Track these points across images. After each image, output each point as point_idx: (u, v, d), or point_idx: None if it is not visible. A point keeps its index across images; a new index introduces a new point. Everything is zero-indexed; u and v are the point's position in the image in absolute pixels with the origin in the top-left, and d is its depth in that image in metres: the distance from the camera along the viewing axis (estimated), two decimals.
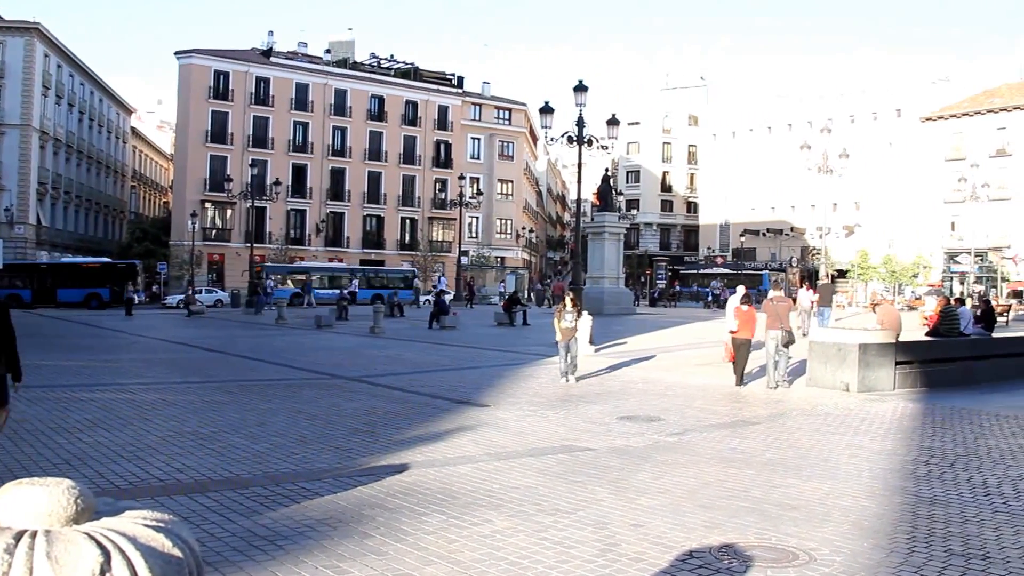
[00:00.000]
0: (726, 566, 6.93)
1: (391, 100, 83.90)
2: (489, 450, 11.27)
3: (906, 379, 18.36)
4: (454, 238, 77.42)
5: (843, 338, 18.60)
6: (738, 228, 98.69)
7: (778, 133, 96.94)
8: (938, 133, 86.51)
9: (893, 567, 7.07)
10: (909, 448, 12.19)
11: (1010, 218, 79.88)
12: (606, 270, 44.52)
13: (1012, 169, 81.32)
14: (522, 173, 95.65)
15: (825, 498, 9.23)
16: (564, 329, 18.32)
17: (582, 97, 28.40)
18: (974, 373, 19.98)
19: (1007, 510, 9.02)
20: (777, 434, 12.97)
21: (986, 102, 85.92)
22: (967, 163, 77.59)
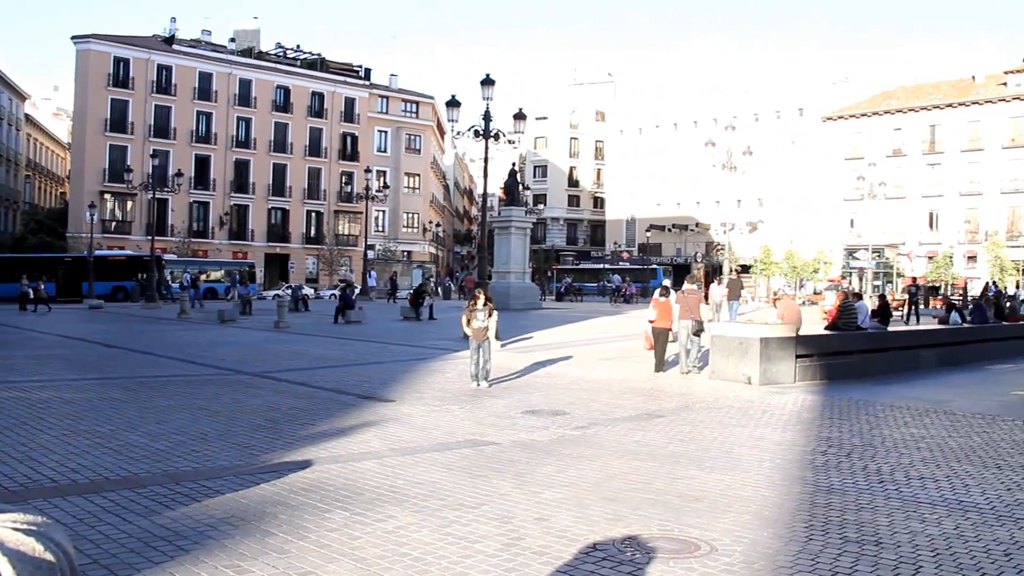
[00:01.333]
0: (629, 558, 6.99)
1: (297, 91, 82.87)
2: (394, 445, 11.20)
3: (806, 372, 18.77)
4: (360, 232, 76.81)
5: (745, 332, 18.92)
6: (644, 223, 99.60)
7: (684, 129, 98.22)
8: (838, 132, 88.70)
9: (791, 555, 7.23)
10: (808, 439, 12.46)
11: (905, 216, 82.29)
12: (512, 265, 44.57)
13: (907, 169, 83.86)
14: (429, 167, 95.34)
15: (727, 489, 9.38)
16: (475, 329, 16.65)
17: (489, 91, 28.36)
18: (871, 365, 20.54)
19: (899, 497, 9.30)
20: (681, 427, 13.14)
21: (883, 103, 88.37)
22: (865, 162, 79.72)
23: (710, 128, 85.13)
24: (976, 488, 9.89)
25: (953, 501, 9.26)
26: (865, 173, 72.58)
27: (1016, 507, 9.12)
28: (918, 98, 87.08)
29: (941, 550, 7.49)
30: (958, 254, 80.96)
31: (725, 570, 6.81)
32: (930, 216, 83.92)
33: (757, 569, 6.87)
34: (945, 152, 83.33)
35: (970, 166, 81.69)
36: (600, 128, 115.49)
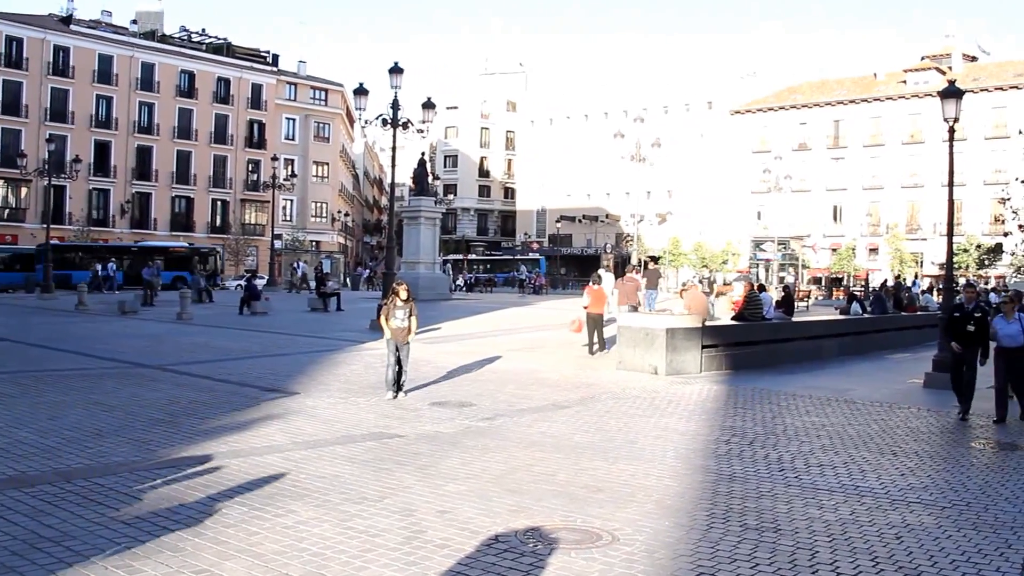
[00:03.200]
0: (530, 549, 7.00)
1: (202, 76, 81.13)
2: (296, 439, 11.04)
3: (712, 362, 19.02)
4: (267, 221, 75.65)
5: (651, 323, 19.08)
6: (555, 214, 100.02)
7: (595, 121, 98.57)
8: (746, 126, 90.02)
9: (692, 543, 7.33)
10: (712, 428, 12.63)
11: (810, 209, 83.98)
12: (422, 255, 44.30)
13: (811, 163, 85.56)
14: (338, 155, 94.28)
15: (630, 479, 9.45)
16: (394, 330, 14.46)
17: (398, 79, 28.15)
18: (775, 355, 20.89)
19: (798, 484, 9.49)
20: (586, 418, 13.20)
21: (789, 98, 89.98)
22: (772, 155, 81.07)
23: (620, 120, 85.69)
24: (872, 474, 10.14)
25: (850, 487, 9.48)
26: (771, 166, 73.80)
27: (909, 492, 9.37)
28: (823, 93, 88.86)
29: (837, 535, 7.67)
30: (860, 246, 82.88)
31: (626, 560, 6.85)
32: (834, 209, 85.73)
33: (658, 558, 6.92)
34: (848, 147, 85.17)
35: (872, 161, 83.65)
36: (511, 118, 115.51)
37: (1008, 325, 13.68)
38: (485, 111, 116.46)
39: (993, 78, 78.55)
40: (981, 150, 73.86)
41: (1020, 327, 13.53)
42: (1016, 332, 13.55)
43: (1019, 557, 7.25)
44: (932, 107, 37.15)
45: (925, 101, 76.11)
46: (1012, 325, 13.63)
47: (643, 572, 6.63)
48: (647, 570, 6.67)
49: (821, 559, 7.01)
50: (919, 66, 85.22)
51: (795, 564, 6.88)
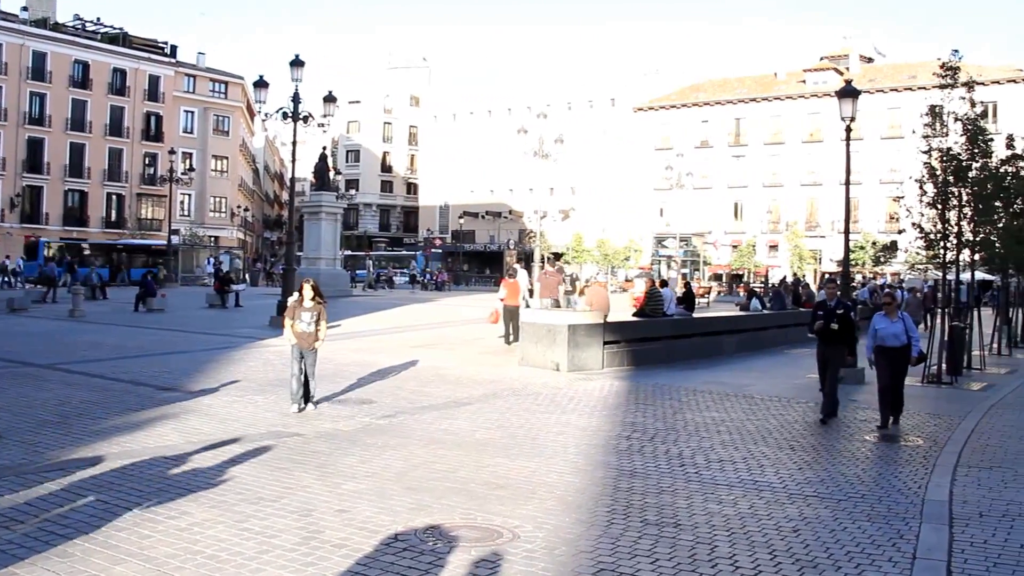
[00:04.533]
0: (430, 548, 6.94)
1: (97, 67, 78.98)
2: (192, 438, 10.77)
3: (614, 358, 19.11)
4: (165, 216, 74.02)
5: (553, 319, 19.11)
6: (457, 210, 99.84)
7: (498, 116, 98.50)
8: (649, 123, 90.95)
9: (593, 539, 7.35)
10: (613, 424, 12.70)
11: (712, 206, 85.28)
12: (323, 251, 43.85)
13: (713, 160, 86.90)
14: (238, 149, 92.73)
15: (531, 476, 9.44)
16: (299, 334, 12.98)
17: (299, 72, 27.79)
18: (676, 351, 21.10)
19: (698, 479, 9.59)
20: (488, 414, 13.15)
21: (692, 96, 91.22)
22: (674, 153, 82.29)
23: (524, 115, 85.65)
24: (771, 468, 10.29)
25: (749, 482, 9.60)
26: (674, 163, 74.88)
27: (806, 485, 9.53)
28: (725, 92, 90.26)
29: (736, 529, 7.76)
30: (761, 243, 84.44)
31: (526, 556, 6.83)
32: (735, 206, 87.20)
33: (559, 555, 6.91)
34: (749, 145, 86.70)
35: (772, 159, 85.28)
36: (414, 113, 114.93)
37: (891, 325, 13.49)
38: (388, 106, 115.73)
39: (889, 79, 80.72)
40: (877, 149, 75.74)
41: (903, 326, 13.41)
42: (899, 331, 13.39)
43: (910, 547, 7.42)
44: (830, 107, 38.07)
45: (824, 101, 77.70)
46: (895, 325, 13.46)
47: (544, 569, 6.61)
48: (548, 567, 6.65)
49: (720, 553, 7.08)
50: (818, 66, 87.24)
51: (695, 559, 6.92)
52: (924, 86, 63.95)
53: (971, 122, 20.06)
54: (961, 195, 19.91)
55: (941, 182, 19.58)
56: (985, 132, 20.58)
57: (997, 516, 8.57)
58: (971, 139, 19.97)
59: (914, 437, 12.68)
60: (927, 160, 19.81)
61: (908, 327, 13.45)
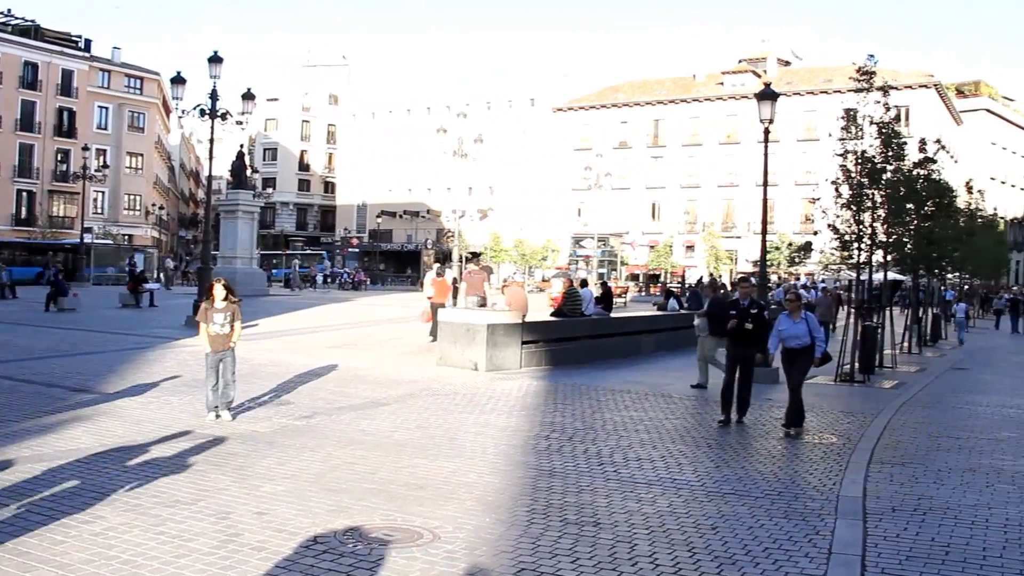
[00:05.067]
0: (350, 550, 6.87)
1: (7, 60, 76.76)
2: (106, 440, 10.50)
3: (532, 358, 19.14)
4: (77, 214, 72.34)
5: (472, 318, 19.08)
6: (375, 209, 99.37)
7: (417, 115, 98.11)
8: (568, 123, 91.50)
9: (513, 539, 7.33)
10: (532, 424, 12.71)
11: (630, 206, 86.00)
12: (239, 250, 43.30)
13: (631, 161, 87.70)
14: (153, 147, 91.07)
15: (451, 476, 9.40)
16: (212, 336, 12.20)
17: (217, 69, 27.37)
18: (595, 351, 21.20)
19: (617, 478, 9.64)
20: (407, 414, 13.08)
21: (611, 96, 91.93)
22: (593, 153, 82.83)
23: (443, 115, 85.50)
24: (689, 467, 10.39)
25: (668, 480, 9.67)
26: (593, 164, 75.34)
27: (724, 483, 9.64)
28: (644, 93, 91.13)
29: (655, 527, 7.81)
30: (678, 243, 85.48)
31: (447, 557, 6.79)
32: (653, 207, 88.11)
33: (479, 555, 6.89)
34: (668, 146, 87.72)
35: (690, 160, 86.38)
36: (333, 111, 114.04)
37: (795, 325, 13.10)
38: (307, 104, 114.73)
39: (805, 83, 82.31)
40: (793, 152, 77.12)
41: (806, 327, 13.06)
42: (803, 332, 13.03)
43: (826, 542, 7.54)
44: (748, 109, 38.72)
45: (741, 103, 78.92)
46: (798, 325, 13.09)
47: (465, 569, 6.58)
48: (469, 567, 6.62)
49: (640, 551, 7.11)
50: (736, 69, 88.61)
51: (615, 557, 6.95)
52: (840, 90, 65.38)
53: (885, 126, 20.52)
54: (875, 197, 20.35)
55: (856, 184, 19.99)
56: (898, 136, 21.07)
57: (909, 510, 8.78)
58: (885, 142, 20.43)
59: (828, 435, 12.91)
60: (842, 162, 20.22)
61: (812, 327, 13.14)
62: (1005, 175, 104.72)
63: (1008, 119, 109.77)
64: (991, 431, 14.19)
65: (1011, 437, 13.67)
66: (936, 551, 7.46)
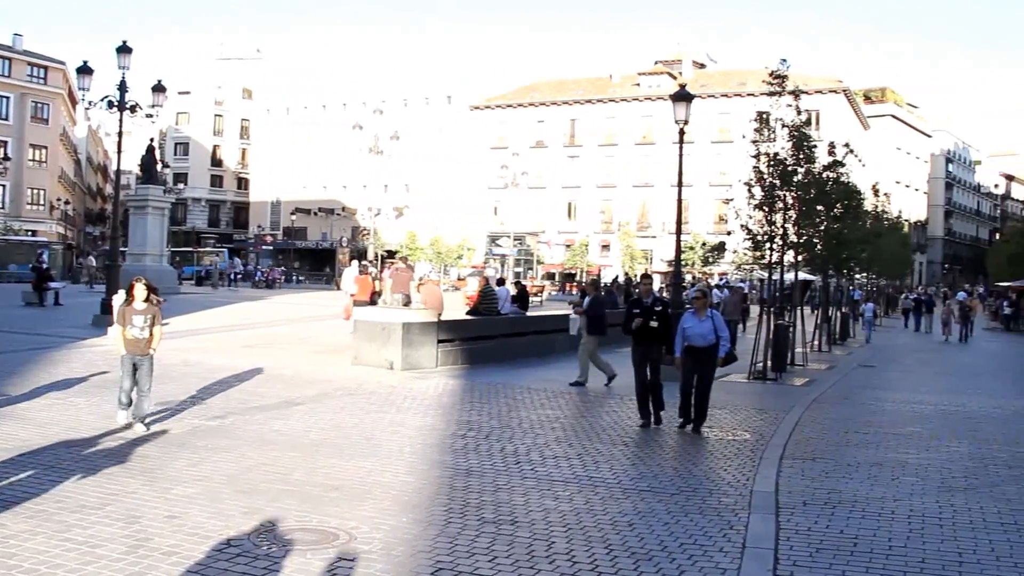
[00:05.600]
0: (265, 552, 6.76)
1: None
2: (7, 444, 10.15)
3: (448, 356, 19.10)
4: None
5: (387, 317, 18.97)
6: (290, 206, 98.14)
7: (333, 111, 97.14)
8: (485, 121, 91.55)
9: (430, 539, 7.31)
10: (448, 423, 12.67)
11: (546, 205, 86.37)
12: (149, 247, 42.42)
13: (548, 160, 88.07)
14: (59, 139, 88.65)
15: (367, 476, 9.33)
16: (130, 340, 11.33)
17: (126, 59, 26.72)
18: (510, 349, 21.23)
19: (534, 476, 9.66)
20: (321, 414, 12.94)
21: (528, 95, 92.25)
22: (509, 152, 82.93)
23: (359, 111, 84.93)
24: (605, 464, 10.44)
25: (584, 478, 9.71)
26: (509, 162, 75.50)
27: (640, 480, 9.72)
28: (560, 93, 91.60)
29: (572, 525, 7.83)
30: (594, 243, 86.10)
31: (363, 558, 6.73)
32: (569, 206, 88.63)
33: (396, 556, 6.84)
34: (584, 146, 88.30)
35: (606, 160, 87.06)
36: (247, 106, 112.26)
37: (700, 323, 12.82)
38: (219, 97, 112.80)
39: (720, 85, 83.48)
40: (707, 153, 78.16)
41: (712, 325, 12.80)
42: (708, 330, 12.74)
43: (740, 537, 7.65)
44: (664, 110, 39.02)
45: (657, 104, 79.69)
46: (704, 323, 12.80)
47: (382, 570, 6.52)
48: (386, 568, 6.56)
49: (558, 549, 7.13)
50: (652, 70, 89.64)
51: (532, 555, 6.95)
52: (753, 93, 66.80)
53: (797, 129, 20.91)
54: (786, 198, 20.72)
55: (768, 186, 20.32)
56: (809, 139, 21.49)
57: (820, 504, 8.97)
58: (796, 145, 20.82)
59: (742, 431, 13.10)
60: (755, 164, 20.54)
61: (717, 326, 12.89)
62: (909, 179, 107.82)
63: (912, 125, 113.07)
64: (897, 426, 14.55)
65: (916, 432, 14.01)
66: (845, 543, 7.64)
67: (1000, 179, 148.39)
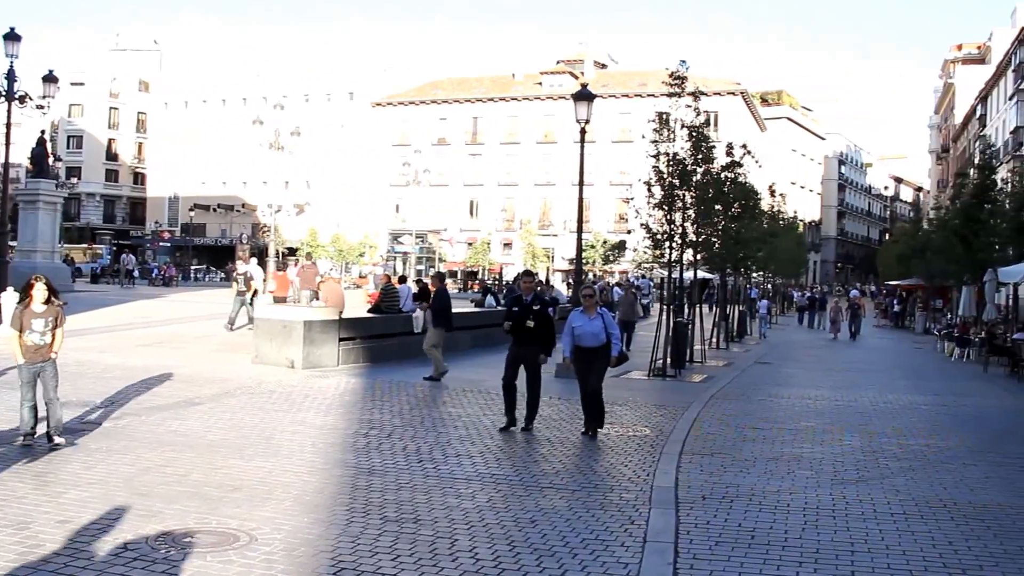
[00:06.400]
0: (163, 556, 6.64)
1: None
2: None
3: (350, 355, 18.98)
4: None
5: (288, 315, 18.80)
6: (188, 202, 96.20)
7: (233, 106, 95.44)
8: (387, 119, 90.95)
9: (332, 539, 7.26)
10: (350, 422, 12.61)
11: (448, 203, 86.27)
12: (40, 243, 41.08)
13: (450, 157, 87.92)
14: None
15: (267, 476, 9.22)
16: (28, 347, 10.10)
17: (14, 47, 25.99)
18: (412, 347, 21.12)
19: (436, 474, 9.68)
20: (220, 414, 12.74)
21: (430, 92, 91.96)
22: (411, 149, 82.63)
23: (260, 106, 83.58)
24: (507, 461, 10.53)
25: (487, 475, 9.77)
26: (411, 160, 75.27)
27: (542, 477, 9.80)
28: (463, 90, 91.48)
29: (475, 522, 7.88)
30: (495, 241, 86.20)
31: (265, 560, 6.66)
32: (471, 204, 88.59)
33: (298, 556, 6.79)
34: (486, 144, 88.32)
35: (508, 158, 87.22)
36: (144, 99, 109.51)
37: (590, 322, 12.24)
38: (115, 90, 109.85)
39: (621, 85, 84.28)
40: (609, 152, 78.78)
41: (602, 324, 12.23)
42: (598, 330, 12.19)
43: (641, 532, 7.77)
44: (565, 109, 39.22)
45: (559, 103, 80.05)
46: (594, 322, 12.23)
47: (283, 571, 6.47)
48: (287, 569, 6.51)
49: (461, 547, 7.15)
50: (555, 70, 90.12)
51: (435, 553, 6.96)
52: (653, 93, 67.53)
53: (696, 130, 21.24)
54: (685, 198, 21.04)
55: (668, 185, 20.61)
56: (708, 139, 21.86)
57: (718, 498, 9.18)
58: (695, 145, 21.16)
59: (642, 427, 13.28)
60: (655, 164, 20.81)
61: (607, 324, 12.31)
62: (804, 180, 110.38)
63: (807, 127, 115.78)
64: (792, 421, 14.93)
65: (810, 426, 14.39)
66: (743, 536, 7.83)
67: (890, 181, 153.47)
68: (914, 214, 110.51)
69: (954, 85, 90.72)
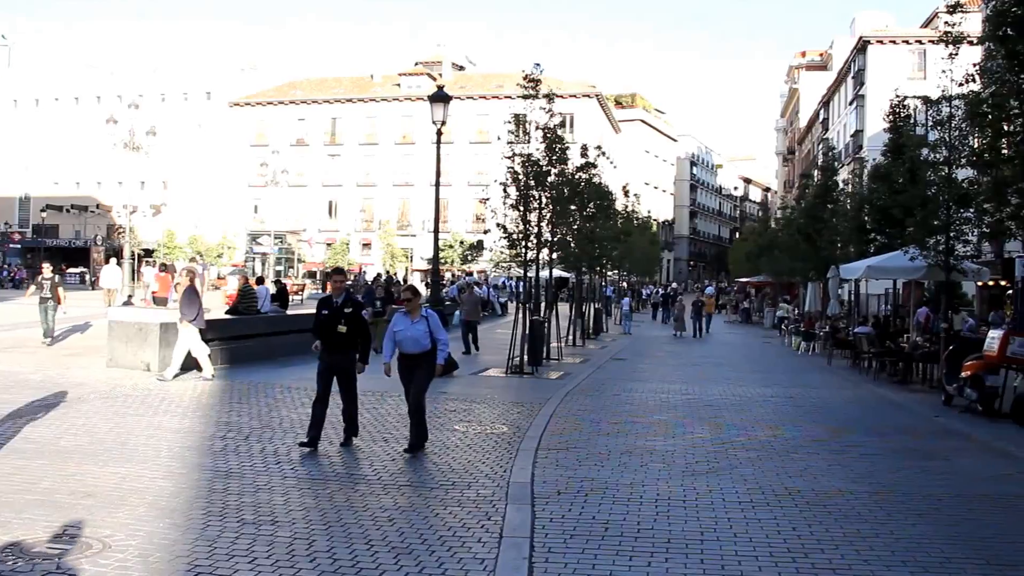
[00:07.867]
0: (11, 568, 6.49)
1: None
2: None
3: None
4: None
5: (143, 317, 18.47)
6: (40, 203, 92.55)
7: (86, 105, 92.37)
8: (245, 119, 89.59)
9: (188, 543, 7.22)
10: (208, 424, 12.50)
11: (307, 203, 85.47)
12: None
13: (309, 158, 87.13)
14: None
15: (122, 482, 9.11)
16: None
17: None
18: (272, 348, 21.01)
19: (295, 475, 9.74)
20: (73, 419, 12.47)
21: (289, 93, 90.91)
22: (270, 149, 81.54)
23: (114, 105, 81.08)
24: (365, 461, 10.64)
25: (344, 475, 9.88)
26: (269, 160, 74.21)
27: (400, 475, 9.97)
28: (322, 91, 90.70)
29: (333, 522, 7.96)
30: (355, 241, 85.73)
31: (119, 567, 6.59)
32: (330, 204, 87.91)
33: (153, 562, 6.73)
34: (345, 144, 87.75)
35: (367, 159, 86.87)
36: None
37: (412, 326, 11.31)
38: None
39: (479, 87, 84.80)
40: (466, 153, 79.31)
41: (426, 328, 11.30)
42: (421, 334, 11.27)
43: (497, 527, 7.97)
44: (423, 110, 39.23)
45: (417, 104, 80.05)
46: (417, 326, 11.31)
47: None
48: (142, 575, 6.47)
49: (319, 547, 7.21)
50: (413, 71, 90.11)
51: (293, 555, 7.01)
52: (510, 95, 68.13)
53: (550, 131, 21.64)
54: (541, 198, 21.41)
55: (523, 186, 20.94)
56: (562, 141, 22.30)
57: (573, 493, 9.45)
58: (550, 147, 21.55)
59: (500, 425, 13.52)
60: (511, 165, 21.12)
61: (433, 328, 11.36)
62: (657, 181, 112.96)
63: (660, 130, 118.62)
64: (645, 415, 15.40)
65: (662, 420, 14.86)
66: (597, 528, 8.10)
67: (739, 182, 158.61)
68: (762, 213, 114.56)
69: (799, 90, 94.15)
